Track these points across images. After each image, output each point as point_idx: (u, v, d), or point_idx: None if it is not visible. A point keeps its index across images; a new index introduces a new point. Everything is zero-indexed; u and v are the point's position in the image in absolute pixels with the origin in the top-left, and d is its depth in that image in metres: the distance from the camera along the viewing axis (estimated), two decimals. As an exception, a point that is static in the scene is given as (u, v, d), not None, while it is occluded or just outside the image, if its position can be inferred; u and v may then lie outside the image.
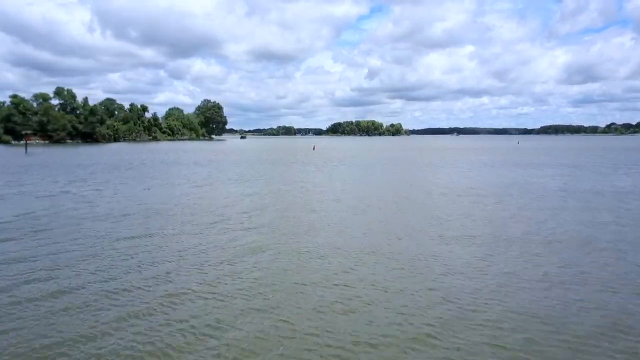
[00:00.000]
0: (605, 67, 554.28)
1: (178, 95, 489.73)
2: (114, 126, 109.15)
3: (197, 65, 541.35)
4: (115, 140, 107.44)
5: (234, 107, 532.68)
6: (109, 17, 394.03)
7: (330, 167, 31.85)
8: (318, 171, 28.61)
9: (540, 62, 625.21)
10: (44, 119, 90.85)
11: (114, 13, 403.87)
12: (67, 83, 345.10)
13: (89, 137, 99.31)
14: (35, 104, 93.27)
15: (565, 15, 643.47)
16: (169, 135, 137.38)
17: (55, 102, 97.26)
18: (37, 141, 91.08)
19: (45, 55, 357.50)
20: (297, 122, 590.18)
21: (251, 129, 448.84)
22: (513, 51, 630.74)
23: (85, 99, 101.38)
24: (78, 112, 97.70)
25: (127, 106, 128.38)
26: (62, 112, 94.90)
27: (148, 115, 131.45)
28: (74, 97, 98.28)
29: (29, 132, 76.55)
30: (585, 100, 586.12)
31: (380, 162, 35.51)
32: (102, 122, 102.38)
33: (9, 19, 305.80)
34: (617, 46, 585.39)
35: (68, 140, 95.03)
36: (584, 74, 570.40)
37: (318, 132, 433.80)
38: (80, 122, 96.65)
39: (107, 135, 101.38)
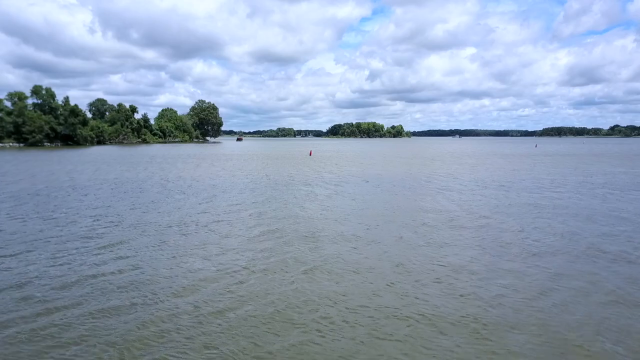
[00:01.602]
0: (607, 69, 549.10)
1: (179, 97, 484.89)
2: (99, 128, 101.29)
3: (198, 67, 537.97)
4: (100, 143, 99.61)
5: (235, 109, 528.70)
6: (111, 18, 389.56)
7: (337, 194, 23.74)
8: (323, 199, 20.56)
9: (542, 64, 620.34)
10: (19, 120, 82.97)
11: (116, 14, 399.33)
12: (68, 84, 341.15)
13: (69, 139, 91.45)
14: (9, 104, 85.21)
15: (569, 17, 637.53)
16: (159, 137, 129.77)
17: (32, 101, 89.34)
18: (11, 144, 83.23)
19: (46, 57, 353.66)
20: (298, 124, 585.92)
21: (251, 130, 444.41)
22: (515, 53, 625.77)
23: (66, 99, 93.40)
24: (58, 112, 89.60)
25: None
26: (39, 112, 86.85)
27: (138, 116, 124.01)
28: (52, 96, 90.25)
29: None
30: (586, 102, 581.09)
31: (408, 185, 27.43)
32: (84, 123, 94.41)
33: (10, 20, 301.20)
34: (619, 48, 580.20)
35: (46, 144, 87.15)
36: (585, 76, 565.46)
37: (318, 133, 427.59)
38: (59, 124, 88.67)
39: (89, 137, 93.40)
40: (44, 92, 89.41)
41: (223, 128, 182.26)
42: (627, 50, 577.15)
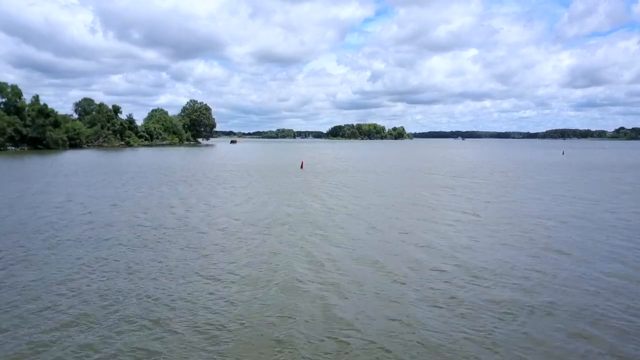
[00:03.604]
0: (610, 71, 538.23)
1: (180, 97, 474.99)
2: (75, 129, 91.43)
3: (199, 67, 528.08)
4: (75, 146, 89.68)
5: (236, 110, 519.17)
6: (112, 18, 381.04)
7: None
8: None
9: (544, 65, 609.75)
10: (-21, 121, 73.33)
11: (117, 14, 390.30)
12: (69, 85, 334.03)
13: (39, 142, 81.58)
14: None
15: (573, 18, 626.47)
16: (146, 140, 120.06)
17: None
18: (-31, 148, 73.56)
19: (47, 57, 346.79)
20: (298, 125, 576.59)
21: (251, 131, 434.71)
22: (517, 54, 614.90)
23: (36, 97, 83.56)
24: (25, 112, 79.77)
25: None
26: (1, 112, 77.00)
27: (123, 117, 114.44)
28: (19, 94, 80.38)
29: None
30: (588, 104, 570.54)
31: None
32: (55, 124, 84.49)
33: (10, 20, 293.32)
34: (622, 50, 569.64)
35: (10, 148, 77.27)
36: (588, 77, 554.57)
37: (318, 135, 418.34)
38: (26, 125, 78.85)
39: (60, 140, 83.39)
40: (9, 90, 79.62)
41: (223, 129, 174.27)
42: (630, 52, 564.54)
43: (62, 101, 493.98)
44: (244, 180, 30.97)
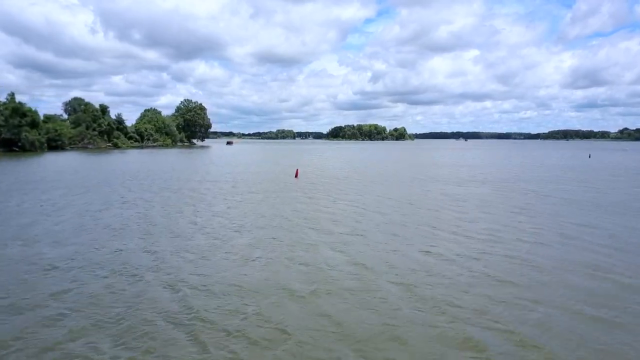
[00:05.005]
0: (611, 72, 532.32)
1: (180, 98, 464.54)
2: (56, 130, 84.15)
3: (200, 68, 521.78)
4: (57, 148, 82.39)
5: (236, 110, 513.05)
6: (112, 18, 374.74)
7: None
8: None
9: (545, 66, 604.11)
10: (-55, 120, 66.21)
11: (117, 14, 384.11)
12: (70, 85, 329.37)
13: (14, 144, 74.31)
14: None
15: (576, 19, 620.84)
16: (136, 141, 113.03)
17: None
18: None
19: (47, 57, 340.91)
20: (298, 126, 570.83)
21: (252, 132, 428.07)
22: (518, 55, 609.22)
23: (11, 95, 76.48)
24: (-1, 111, 72.66)
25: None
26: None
27: (112, 117, 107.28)
28: (-9, 91, 73.26)
29: None
30: (588, 105, 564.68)
31: None
32: (33, 124, 77.20)
33: (11, 20, 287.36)
34: (624, 50, 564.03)
35: (-19, 150, 70.12)
36: (589, 78, 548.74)
37: (318, 135, 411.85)
38: (-1, 126, 71.71)
39: (37, 142, 76.01)
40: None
41: (224, 129, 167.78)
42: (631, 52, 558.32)
43: (62, 102, 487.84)
44: (228, 199, 23.87)
